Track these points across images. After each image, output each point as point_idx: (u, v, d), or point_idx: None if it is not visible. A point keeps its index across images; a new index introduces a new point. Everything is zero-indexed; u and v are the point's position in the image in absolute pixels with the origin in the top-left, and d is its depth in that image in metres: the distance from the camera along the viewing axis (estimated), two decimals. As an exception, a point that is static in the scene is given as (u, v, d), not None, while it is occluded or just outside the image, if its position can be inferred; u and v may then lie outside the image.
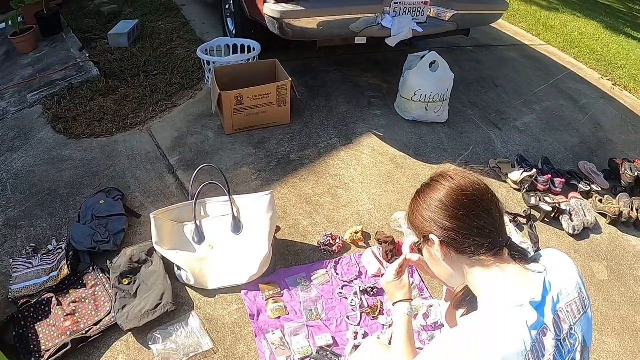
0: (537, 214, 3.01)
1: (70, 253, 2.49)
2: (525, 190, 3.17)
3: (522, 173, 3.18)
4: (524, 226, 2.92)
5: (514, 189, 3.22)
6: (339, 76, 4.34)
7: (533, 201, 3.04)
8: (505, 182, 3.26)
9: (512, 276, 1.22)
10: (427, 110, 3.64)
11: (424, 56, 3.59)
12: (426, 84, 3.56)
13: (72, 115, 3.80)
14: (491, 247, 1.23)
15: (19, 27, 5.11)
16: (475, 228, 1.23)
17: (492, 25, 5.65)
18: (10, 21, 5.09)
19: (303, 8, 3.36)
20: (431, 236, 1.29)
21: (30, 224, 2.80)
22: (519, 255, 1.26)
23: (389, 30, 3.60)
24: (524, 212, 2.98)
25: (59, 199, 2.97)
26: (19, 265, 2.49)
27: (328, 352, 2.09)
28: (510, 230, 2.78)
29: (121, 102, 3.95)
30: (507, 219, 2.84)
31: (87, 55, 4.79)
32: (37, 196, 3.00)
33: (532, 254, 1.31)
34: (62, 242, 2.61)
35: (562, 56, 5.86)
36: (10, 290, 2.35)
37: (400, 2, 3.61)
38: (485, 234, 1.23)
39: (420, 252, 1.42)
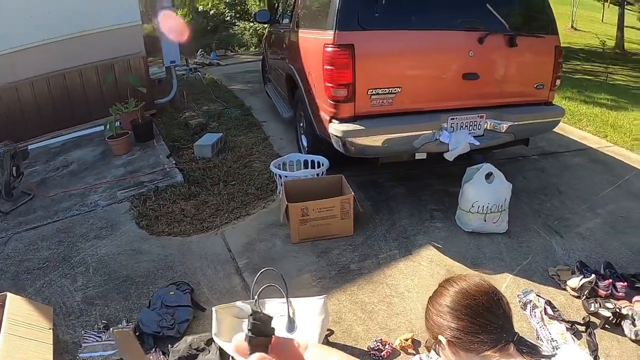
0: (597, 321, 2.91)
1: (137, 333, 2.73)
2: (584, 296, 3.09)
3: (580, 279, 3.13)
4: (583, 334, 2.83)
5: (574, 296, 3.14)
6: (403, 191, 4.53)
7: (592, 308, 2.95)
8: (565, 289, 3.20)
9: None
10: (485, 221, 3.72)
11: (479, 168, 3.72)
12: (483, 195, 3.67)
13: (155, 214, 4.17)
14: (495, 343, 1.34)
15: (115, 131, 5.70)
16: (478, 326, 1.35)
17: (559, 132, 5.77)
18: (108, 125, 5.68)
19: (364, 127, 3.62)
20: (440, 337, 1.42)
21: (105, 304, 3.11)
22: (527, 350, 1.34)
23: (447, 145, 3.81)
24: (582, 319, 2.90)
25: (134, 285, 3.29)
26: (89, 337, 2.79)
27: None
28: (567, 338, 2.75)
29: (200, 207, 4.30)
30: (564, 326, 2.82)
31: (174, 162, 5.25)
32: (115, 281, 3.34)
33: (547, 351, 1.37)
34: (130, 323, 2.87)
35: (630, 156, 5.77)
36: (77, 357, 2.64)
37: (456, 118, 3.84)
38: (488, 330, 1.35)
39: (437, 354, 1.52)
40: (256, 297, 2.62)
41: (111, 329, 2.78)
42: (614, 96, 9.50)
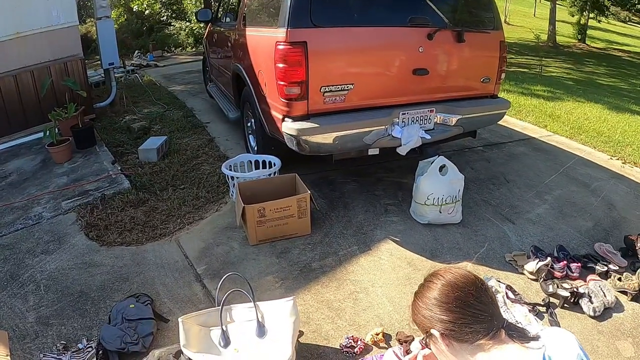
0: (556, 301, 3.04)
1: (100, 352, 2.59)
2: (542, 279, 3.21)
3: (537, 263, 3.25)
4: (544, 314, 2.94)
5: (532, 279, 3.26)
6: (356, 186, 4.54)
7: (551, 289, 3.07)
8: (523, 274, 3.31)
9: (511, 355, 1.34)
10: (440, 212, 3.78)
11: (433, 161, 3.77)
12: (438, 187, 3.72)
13: (104, 224, 4.00)
14: (487, 331, 1.36)
15: (55, 138, 5.45)
16: (469, 316, 1.38)
17: (501, 123, 5.86)
18: (47, 132, 5.43)
19: (318, 125, 3.60)
20: (432, 331, 1.44)
21: (62, 323, 2.93)
22: (517, 334, 1.38)
23: (399, 139, 3.85)
24: (542, 300, 3.02)
25: (90, 301, 3.12)
26: None
27: None
28: (530, 320, 2.83)
29: (151, 213, 4.17)
30: (526, 309, 2.90)
31: (119, 168, 5.08)
32: (69, 297, 3.16)
33: (533, 333, 1.42)
34: (92, 342, 2.71)
35: (570, 144, 6.06)
36: None
37: (407, 113, 3.89)
38: (479, 319, 1.37)
39: (428, 347, 1.55)
40: (222, 304, 2.56)
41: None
42: (550, 87, 9.90)
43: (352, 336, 2.67)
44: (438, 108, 4.04)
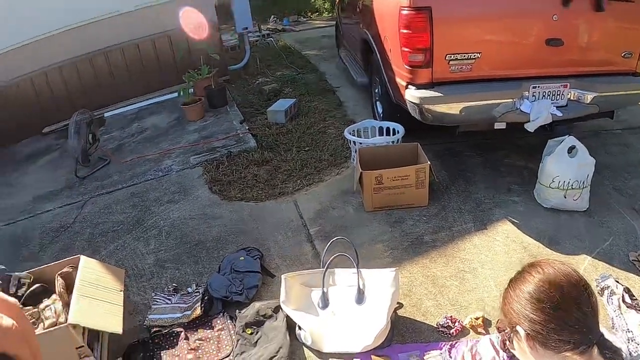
0: None
1: (206, 298, 2.79)
2: None
3: None
4: None
5: None
6: (480, 160, 4.35)
7: None
8: None
9: None
10: (565, 197, 3.52)
11: (562, 141, 3.51)
12: (565, 170, 3.46)
13: (228, 179, 4.22)
14: (578, 344, 1.20)
15: (189, 97, 5.78)
16: (562, 322, 1.21)
17: (647, 105, 5.40)
18: (182, 91, 5.77)
19: (442, 94, 3.49)
20: (518, 327, 1.29)
21: (176, 267, 3.17)
22: (611, 355, 1.20)
23: (528, 115, 3.63)
24: None
25: (205, 250, 3.34)
26: (159, 299, 2.85)
27: None
28: None
29: (273, 172, 4.32)
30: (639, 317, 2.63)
31: (247, 128, 5.28)
32: (186, 245, 3.40)
33: (629, 355, 1.26)
34: (200, 287, 2.92)
35: None
36: (146, 319, 2.71)
37: (539, 87, 3.63)
38: (573, 329, 1.20)
39: (511, 342, 1.39)
40: (326, 266, 2.60)
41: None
42: None
43: (451, 316, 2.59)
44: (572, 83, 3.72)
